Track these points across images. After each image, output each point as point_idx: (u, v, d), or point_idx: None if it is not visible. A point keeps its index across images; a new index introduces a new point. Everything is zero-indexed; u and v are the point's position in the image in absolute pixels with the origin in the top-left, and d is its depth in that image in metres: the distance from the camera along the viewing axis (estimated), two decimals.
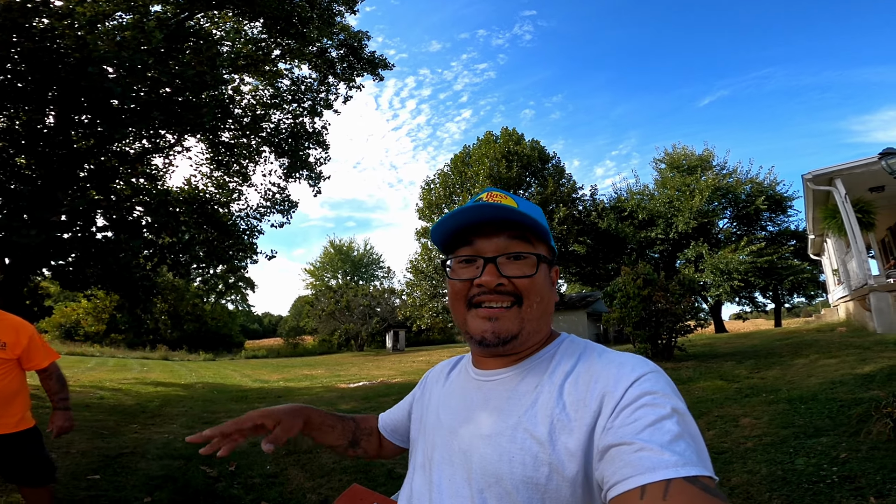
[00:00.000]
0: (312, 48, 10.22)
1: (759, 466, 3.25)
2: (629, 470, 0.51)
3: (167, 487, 3.17)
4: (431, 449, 0.75)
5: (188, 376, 14.00)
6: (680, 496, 0.47)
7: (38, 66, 5.96)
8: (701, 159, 22.24)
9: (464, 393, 0.76)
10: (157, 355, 24.73)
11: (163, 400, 8.35)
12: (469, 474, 0.66)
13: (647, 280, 9.66)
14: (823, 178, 9.05)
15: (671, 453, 0.50)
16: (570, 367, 0.67)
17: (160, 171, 10.70)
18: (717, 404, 5.37)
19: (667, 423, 0.53)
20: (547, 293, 0.72)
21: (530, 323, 0.70)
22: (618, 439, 0.54)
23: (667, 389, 0.58)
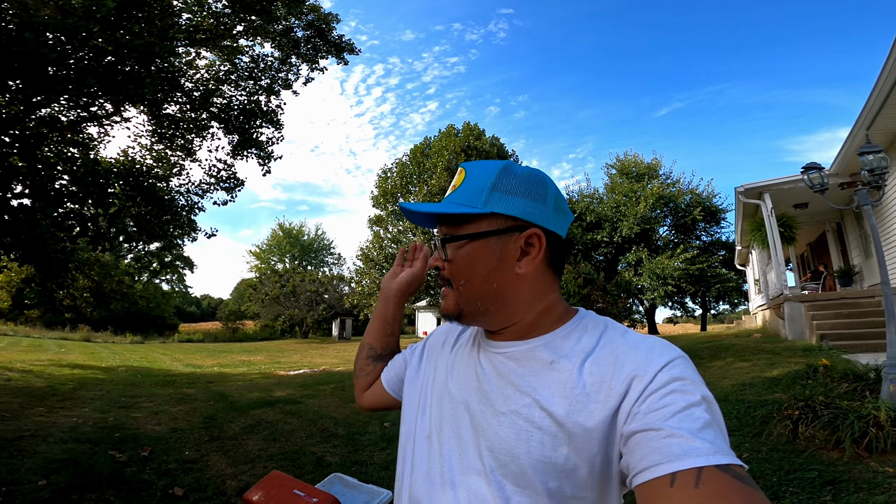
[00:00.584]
0: (278, 26, 9.76)
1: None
2: (657, 457, 0.49)
3: (66, 471, 2.92)
4: (439, 420, 0.71)
5: (110, 359, 13.10)
6: (712, 484, 0.45)
7: None
8: (649, 167, 23.31)
9: (474, 362, 0.72)
10: (77, 336, 22.89)
11: (78, 383, 7.76)
12: (480, 451, 0.63)
13: (588, 279, 10.05)
14: (754, 192, 9.73)
15: (702, 441, 0.48)
16: (591, 346, 0.63)
17: (93, 141, 9.93)
18: None
19: (696, 410, 0.51)
20: (478, 274, 0.67)
21: (466, 304, 0.69)
22: (645, 425, 0.52)
23: (695, 377, 0.56)
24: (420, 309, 31.08)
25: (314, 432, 4.43)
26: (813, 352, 7.41)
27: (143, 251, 11.64)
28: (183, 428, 4.57)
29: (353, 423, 4.77)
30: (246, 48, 10.30)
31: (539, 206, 0.68)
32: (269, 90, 10.53)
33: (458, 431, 0.67)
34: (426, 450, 0.71)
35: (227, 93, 10.44)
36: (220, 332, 34.60)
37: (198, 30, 9.40)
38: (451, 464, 0.66)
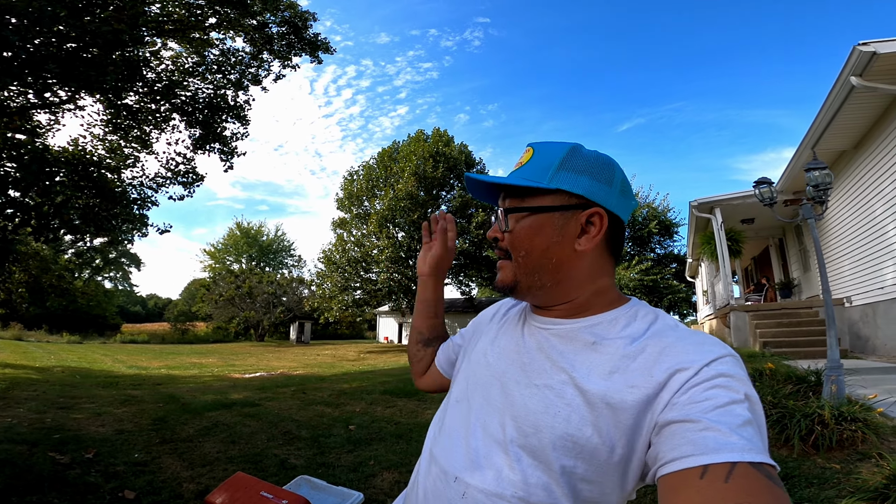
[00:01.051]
0: (253, 21, 9.47)
1: None
2: (690, 448, 0.49)
3: (3, 472, 2.67)
4: (472, 385, 0.73)
5: (45, 359, 12.18)
6: (743, 480, 0.45)
7: None
8: None
9: (519, 336, 0.73)
10: (8, 334, 21.18)
11: (10, 382, 7.17)
12: (504, 420, 0.64)
13: None
14: (706, 207, 10.27)
15: (739, 437, 0.48)
16: (638, 333, 0.63)
17: (42, 128, 9.28)
18: None
19: (738, 407, 0.51)
20: (537, 247, 0.68)
21: (524, 276, 0.70)
22: (683, 416, 0.52)
23: (742, 375, 0.55)
24: (381, 314, 30.73)
25: (276, 434, 4.27)
26: (757, 358, 7.86)
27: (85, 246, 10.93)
28: (130, 430, 4.29)
29: (317, 426, 4.64)
30: (216, 41, 9.95)
31: (604, 188, 0.68)
32: (237, 85, 10.21)
33: (488, 399, 0.68)
34: (456, 414, 0.73)
35: (192, 85, 10.03)
36: (167, 334, 32.84)
37: (168, 19, 8.99)
38: (474, 430, 0.67)
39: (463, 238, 22.88)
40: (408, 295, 22.38)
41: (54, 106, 8.85)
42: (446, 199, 23.03)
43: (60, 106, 8.94)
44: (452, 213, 23.13)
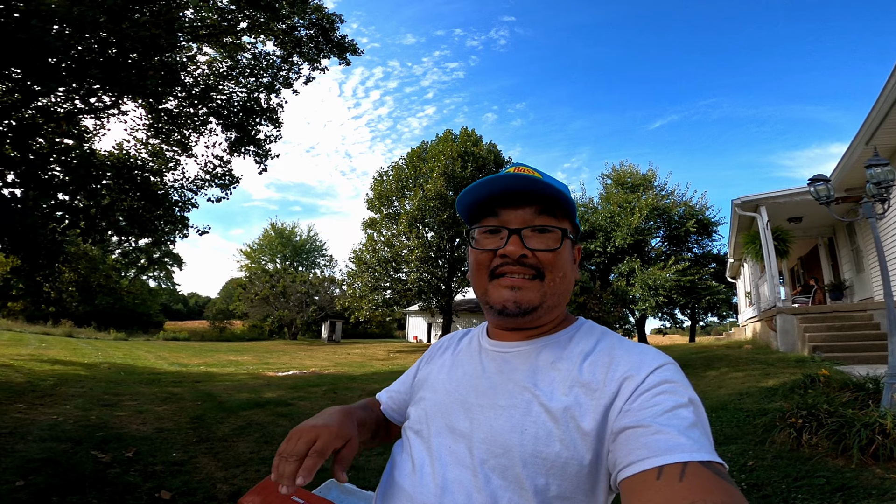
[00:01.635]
0: (282, 24, 9.69)
1: None
2: (645, 451, 0.51)
3: (46, 471, 2.77)
4: (435, 414, 0.72)
5: (93, 355, 12.78)
6: (696, 478, 0.47)
7: None
8: (644, 178, 23.45)
9: (474, 362, 0.75)
10: (59, 331, 22.39)
11: (59, 379, 7.52)
12: (471, 444, 0.65)
13: (584, 288, 10.02)
14: (750, 205, 9.78)
15: (687, 438, 0.51)
16: (589, 349, 0.68)
17: (89, 133, 9.76)
18: None
19: (683, 410, 0.54)
20: (569, 270, 0.72)
21: (551, 297, 0.69)
22: (635, 422, 0.55)
23: (684, 381, 0.60)
24: (411, 314, 30.90)
25: None
26: (806, 363, 7.45)
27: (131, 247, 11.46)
28: (169, 428, 4.41)
29: None
30: (248, 45, 10.22)
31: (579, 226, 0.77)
32: (269, 88, 10.44)
33: (453, 426, 0.69)
34: (417, 443, 0.72)
35: (227, 89, 10.34)
36: (206, 331, 34.06)
37: (202, 25, 9.29)
38: (441, 457, 0.67)
39: None
40: (437, 294, 22.40)
41: (99, 111, 9.28)
42: None
43: (105, 111, 9.37)
44: None
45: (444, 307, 22.72)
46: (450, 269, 22.95)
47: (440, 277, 22.87)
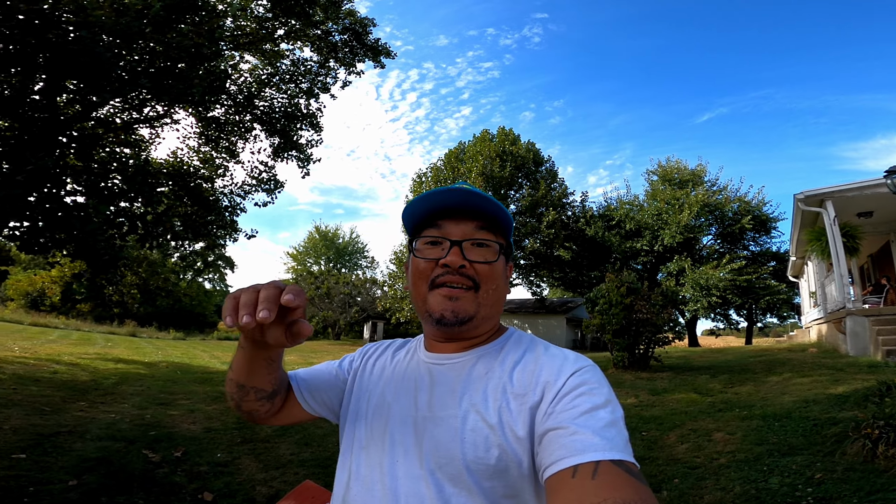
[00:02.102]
0: (316, 30, 9.97)
1: (733, 484, 3.14)
2: (563, 451, 0.54)
3: (99, 470, 2.89)
4: (380, 429, 0.73)
5: (153, 354, 13.54)
6: (607, 476, 0.51)
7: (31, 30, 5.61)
8: (693, 174, 22.37)
9: (413, 374, 0.77)
10: (124, 331, 23.95)
11: (121, 377, 7.97)
12: (420, 455, 0.67)
13: (631, 288, 9.60)
14: (814, 200, 9.05)
15: (601, 438, 0.54)
16: (518, 357, 0.72)
17: (146, 142, 10.37)
18: (691, 417, 5.30)
19: (601, 411, 0.58)
20: (502, 283, 0.76)
21: (485, 308, 0.73)
22: (556, 424, 0.58)
23: (602, 381, 0.64)
24: None
25: None
26: (879, 368, 6.84)
27: (188, 250, 12.10)
28: (217, 428, 4.55)
29: None
30: (287, 52, 10.54)
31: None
32: (308, 93, 10.72)
33: (397, 439, 0.70)
34: (366, 460, 0.72)
35: (269, 95, 10.70)
36: None
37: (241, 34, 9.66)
38: (393, 471, 0.68)
39: (534, 238, 22.35)
40: None
41: (153, 121, 9.84)
42: (515, 198, 22.61)
43: (159, 120, 9.92)
44: (521, 213, 22.70)
45: None
46: None
47: None
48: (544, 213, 21.65)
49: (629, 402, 6.35)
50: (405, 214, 0.76)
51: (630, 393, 6.98)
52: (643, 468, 3.76)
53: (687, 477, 3.36)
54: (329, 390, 0.85)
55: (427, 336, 0.81)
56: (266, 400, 0.80)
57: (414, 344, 0.85)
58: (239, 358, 0.74)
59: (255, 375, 0.75)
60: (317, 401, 0.85)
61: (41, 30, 5.78)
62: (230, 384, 0.79)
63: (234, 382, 0.77)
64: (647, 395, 6.75)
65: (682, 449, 4.12)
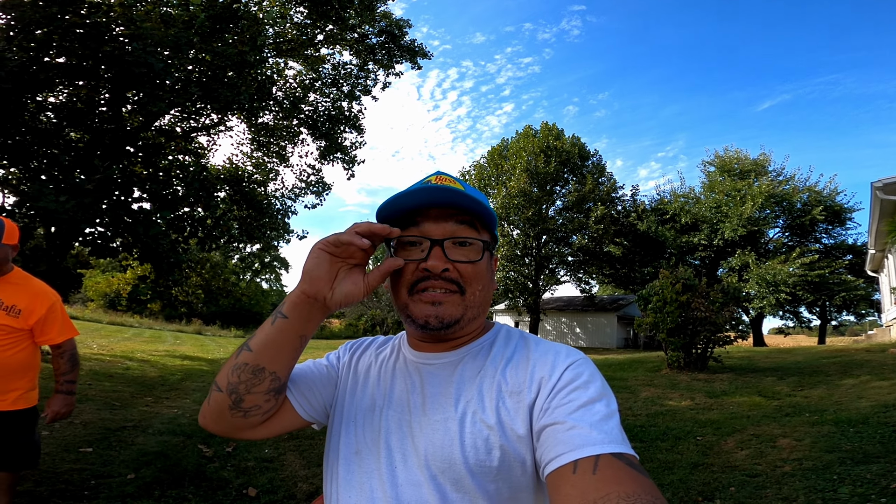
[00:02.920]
0: (353, 34, 10.23)
1: (797, 494, 2.89)
2: (562, 447, 0.53)
3: (156, 465, 3.07)
4: (373, 434, 0.70)
5: (216, 351, 14.36)
6: (608, 470, 0.50)
7: (86, 42, 6.09)
8: (756, 164, 20.93)
9: (402, 375, 0.74)
10: (191, 329, 25.60)
11: (185, 374, 8.49)
12: (419, 460, 0.65)
13: (687, 285, 9.10)
14: (894, 188, 8.20)
15: (599, 432, 0.54)
16: (509, 354, 0.70)
17: (204, 149, 11.03)
18: (754, 422, 4.96)
19: (596, 405, 0.57)
20: (488, 281, 0.72)
21: (472, 309, 0.69)
22: (552, 419, 0.57)
23: (596, 375, 0.63)
24: (497, 312, 30.70)
25: None
26: None
27: (247, 252, 12.74)
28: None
29: None
30: (327, 57, 10.87)
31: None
32: (350, 96, 10.99)
33: (393, 444, 0.67)
34: (356, 465, 0.69)
35: (313, 100, 11.08)
36: None
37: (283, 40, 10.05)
38: (393, 476, 0.65)
39: (582, 234, 21.75)
40: (524, 293, 21.98)
41: (210, 128, 10.43)
42: (561, 193, 22.09)
43: (215, 127, 10.52)
44: (568, 209, 22.13)
45: (532, 306, 22.23)
46: (537, 267, 22.40)
47: (527, 276, 22.41)
48: (592, 208, 21.01)
49: (683, 404, 6.01)
50: (379, 213, 0.70)
51: (685, 395, 6.60)
52: (696, 475, 3.54)
53: (745, 486, 3.13)
54: (323, 390, 0.77)
55: (410, 336, 0.78)
56: (275, 393, 0.70)
57: (397, 342, 0.82)
58: (269, 333, 0.65)
59: (281, 355, 0.66)
60: (311, 403, 0.76)
61: (98, 43, 6.22)
62: (240, 371, 0.66)
63: (248, 367, 0.66)
64: (703, 398, 6.36)
65: (741, 455, 3.86)
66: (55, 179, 6.82)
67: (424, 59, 10.84)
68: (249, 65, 8.16)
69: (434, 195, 0.67)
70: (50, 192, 5.81)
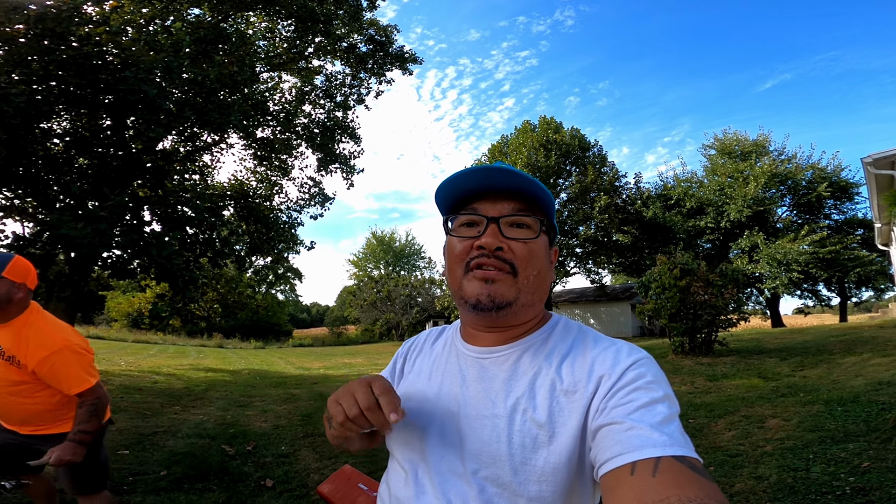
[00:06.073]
0: (342, 44, 10.49)
1: (770, 472, 3.08)
2: (619, 448, 0.52)
3: (184, 463, 3.43)
4: (422, 426, 0.72)
5: (237, 363, 14.83)
6: (669, 473, 0.48)
7: (81, 72, 6.43)
8: (756, 144, 20.84)
9: (455, 369, 0.74)
10: (212, 343, 26.29)
11: (209, 384, 8.90)
12: (462, 454, 0.65)
13: (685, 270, 9.24)
14: (885, 162, 8.26)
15: (661, 433, 0.52)
16: (566, 350, 0.68)
17: (209, 167, 11.36)
18: (748, 403, 5.12)
19: (658, 406, 0.56)
20: (545, 268, 0.71)
21: (526, 294, 0.68)
22: (610, 419, 0.56)
23: (659, 376, 0.61)
24: None
25: None
26: None
27: (261, 266, 13.07)
28: (284, 425, 5.08)
29: None
30: (320, 68, 11.11)
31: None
32: (344, 106, 11.24)
33: (442, 436, 0.69)
34: (409, 456, 0.72)
35: (308, 112, 11.32)
36: (326, 337, 37.50)
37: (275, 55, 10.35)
38: (438, 468, 0.67)
39: (588, 224, 21.85)
40: None
41: (211, 147, 10.72)
42: (563, 186, 22.20)
43: (217, 145, 10.83)
44: (572, 201, 22.21)
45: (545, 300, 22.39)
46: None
47: None
48: (596, 198, 21.09)
49: (682, 389, 6.21)
50: (438, 193, 0.72)
51: (685, 380, 6.79)
52: None
53: (723, 465, 3.32)
54: None
55: (465, 324, 0.77)
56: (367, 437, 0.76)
57: (450, 333, 0.82)
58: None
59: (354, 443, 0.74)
60: None
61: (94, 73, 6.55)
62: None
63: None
64: (703, 382, 6.55)
65: (728, 436, 4.04)
66: (70, 207, 7.24)
67: (415, 65, 11.09)
68: (241, 84, 8.43)
69: (492, 176, 0.68)
70: (69, 220, 6.24)
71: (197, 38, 7.77)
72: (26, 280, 1.84)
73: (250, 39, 9.48)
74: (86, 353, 1.88)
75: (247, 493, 2.99)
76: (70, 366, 1.80)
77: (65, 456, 1.76)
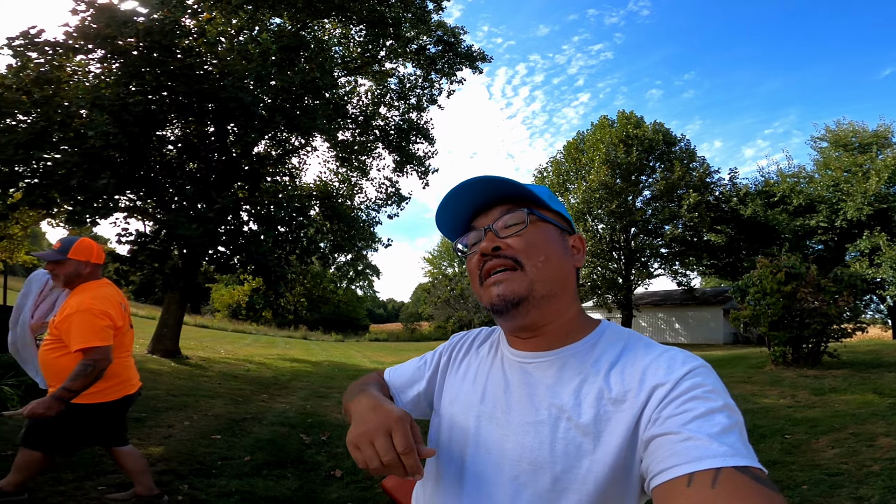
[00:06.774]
0: (412, 46, 10.74)
1: (874, 493, 2.70)
2: (675, 459, 0.50)
3: (266, 449, 3.70)
4: (463, 429, 0.72)
5: (319, 354, 15.78)
6: (730, 484, 0.45)
7: (188, 82, 7.17)
8: (876, 136, 18.16)
9: (497, 373, 0.74)
10: (299, 334, 28.28)
11: (293, 374, 9.56)
12: (502, 459, 0.65)
13: (792, 274, 8.29)
14: None
15: (720, 444, 0.49)
16: (615, 357, 0.66)
17: (297, 170, 12.25)
18: (858, 420, 4.53)
19: (717, 415, 0.52)
20: (554, 253, 0.69)
21: (540, 284, 0.67)
22: (664, 430, 0.53)
23: (718, 385, 0.58)
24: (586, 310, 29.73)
25: None
26: None
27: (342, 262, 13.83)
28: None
29: None
30: (392, 71, 11.48)
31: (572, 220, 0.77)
32: (418, 107, 11.52)
33: (485, 441, 0.68)
34: (447, 459, 0.72)
35: (384, 114, 11.78)
36: (401, 333, 38.71)
37: (350, 59, 10.85)
38: (477, 473, 0.67)
39: (674, 224, 20.43)
40: (613, 289, 21.14)
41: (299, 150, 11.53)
42: (647, 183, 20.92)
43: (303, 148, 11.60)
44: (658, 197, 20.84)
45: (623, 302, 21.28)
46: (627, 261, 21.42)
47: (615, 270, 21.53)
48: (684, 195, 19.63)
49: (780, 402, 5.57)
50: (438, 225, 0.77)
51: (785, 392, 6.08)
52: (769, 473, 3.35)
53: (819, 484, 2.96)
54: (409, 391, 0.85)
55: (505, 333, 0.77)
56: None
57: (497, 337, 0.82)
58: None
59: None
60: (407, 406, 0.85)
61: (198, 82, 7.24)
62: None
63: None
64: (806, 395, 5.83)
65: (830, 454, 3.60)
66: (183, 209, 8.15)
67: (484, 63, 11.07)
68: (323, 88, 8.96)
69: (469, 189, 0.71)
70: (185, 221, 7.01)
71: (281, 45, 8.37)
72: (90, 258, 2.12)
73: (327, 45, 10.03)
74: (102, 318, 2.02)
75: (318, 481, 3.16)
76: (82, 325, 1.95)
77: (38, 409, 1.87)
